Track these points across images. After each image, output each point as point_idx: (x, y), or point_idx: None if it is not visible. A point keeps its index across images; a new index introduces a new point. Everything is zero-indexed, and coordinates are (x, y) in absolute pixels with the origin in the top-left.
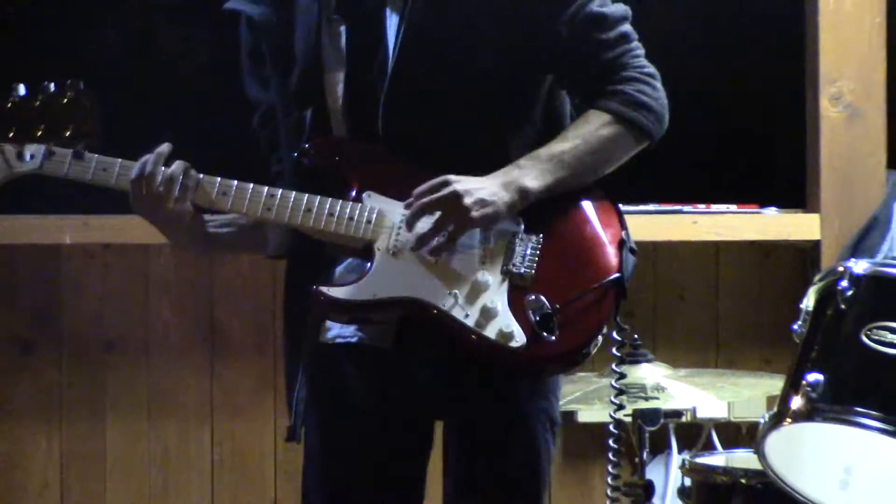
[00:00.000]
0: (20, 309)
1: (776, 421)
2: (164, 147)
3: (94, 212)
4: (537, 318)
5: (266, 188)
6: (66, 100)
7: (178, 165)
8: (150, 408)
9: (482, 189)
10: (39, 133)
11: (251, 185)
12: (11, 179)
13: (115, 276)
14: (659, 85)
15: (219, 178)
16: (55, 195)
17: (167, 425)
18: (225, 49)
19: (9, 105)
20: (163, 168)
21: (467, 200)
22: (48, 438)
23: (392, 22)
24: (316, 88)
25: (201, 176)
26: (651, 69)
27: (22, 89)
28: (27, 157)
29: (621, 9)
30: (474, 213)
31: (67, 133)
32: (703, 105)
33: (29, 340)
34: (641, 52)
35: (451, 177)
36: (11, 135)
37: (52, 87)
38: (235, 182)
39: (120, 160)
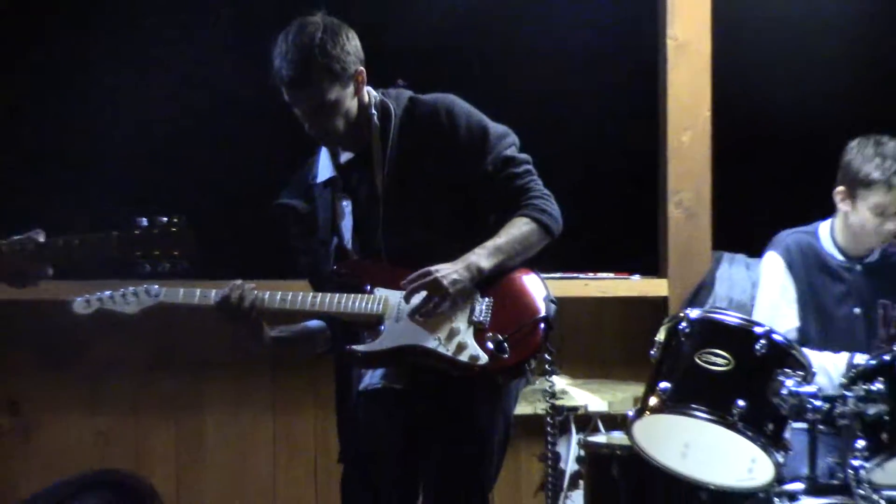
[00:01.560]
0: (146, 343)
1: (639, 413)
2: (244, 283)
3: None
4: (493, 346)
5: (311, 294)
6: (175, 229)
7: (249, 292)
8: (238, 411)
9: (454, 272)
10: (157, 253)
11: (301, 293)
12: (147, 307)
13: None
14: (554, 201)
15: (279, 292)
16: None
17: (246, 424)
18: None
19: (136, 233)
20: (241, 293)
21: (445, 282)
22: (166, 433)
23: (378, 179)
24: (335, 233)
25: (267, 294)
26: (547, 191)
27: (144, 221)
28: (153, 293)
29: (525, 155)
30: (451, 290)
31: (175, 253)
32: (595, 209)
33: (153, 365)
34: (541, 181)
35: (431, 268)
36: (139, 254)
37: (164, 219)
38: (290, 292)
39: (214, 290)
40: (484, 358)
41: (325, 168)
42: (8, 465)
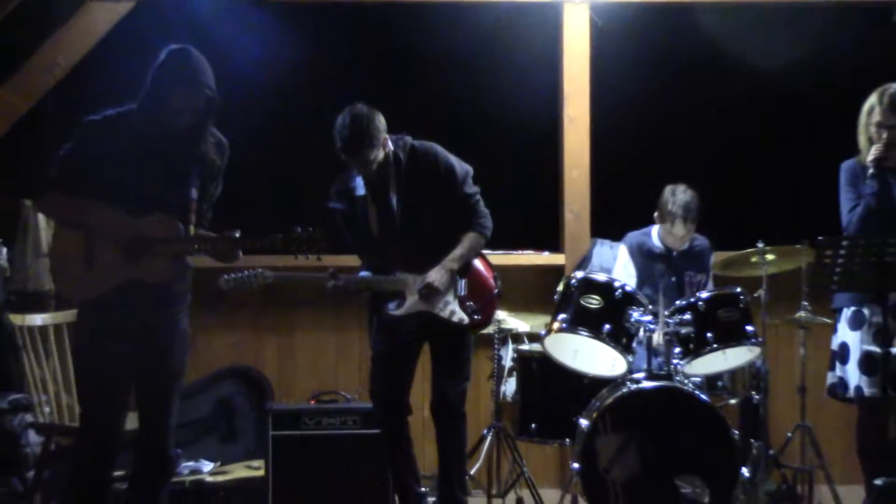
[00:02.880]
0: (260, 293)
1: (548, 332)
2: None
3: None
4: (472, 311)
5: (367, 276)
6: (316, 236)
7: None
8: (314, 332)
9: (440, 277)
10: (304, 248)
11: (363, 276)
12: (264, 285)
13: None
14: (489, 217)
15: (357, 276)
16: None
17: (319, 339)
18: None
19: (293, 236)
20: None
21: (437, 284)
22: (272, 344)
23: (393, 198)
24: (368, 229)
25: (352, 277)
26: (486, 210)
27: (298, 228)
28: (267, 276)
29: (476, 188)
30: (441, 287)
31: (321, 247)
32: (525, 214)
33: (265, 305)
34: (483, 203)
35: (429, 279)
36: (293, 249)
37: (310, 228)
38: (362, 276)
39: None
40: (466, 319)
41: (360, 186)
42: None
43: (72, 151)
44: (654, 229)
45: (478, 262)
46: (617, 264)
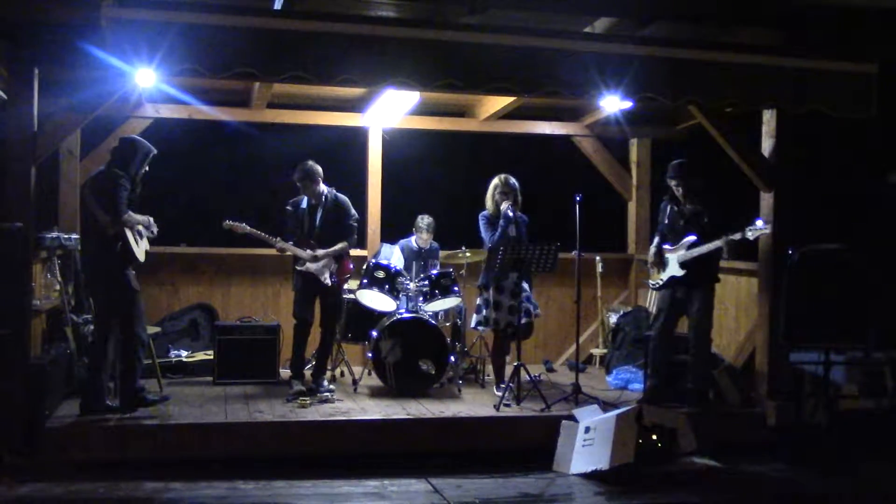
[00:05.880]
0: (212, 264)
1: (358, 289)
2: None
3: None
4: (333, 281)
5: (294, 246)
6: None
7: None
8: (242, 283)
9: (328, 258)
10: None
11: (292, 245)
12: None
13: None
14: (356, 235)
15: (289, 244)
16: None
17: (247, 288)
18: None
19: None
20: (282, 245)
21: (327, 261)
22: (218, 291)
23: (319, 214)
24: (302, 225)
25: (284, 244)
26: (357, 235)
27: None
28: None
29: (356, 223)
30: (328, 262)
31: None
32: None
33: (217, 271)
34: (356, 229)
35: (319, 253)
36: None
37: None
38: (290, 245)
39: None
40: (330, 283)
41: (305, 203)
42: (168, 303)
43: (122, 195)
44: (413, 238)
45: (344, 256)
46: (394, 256)
